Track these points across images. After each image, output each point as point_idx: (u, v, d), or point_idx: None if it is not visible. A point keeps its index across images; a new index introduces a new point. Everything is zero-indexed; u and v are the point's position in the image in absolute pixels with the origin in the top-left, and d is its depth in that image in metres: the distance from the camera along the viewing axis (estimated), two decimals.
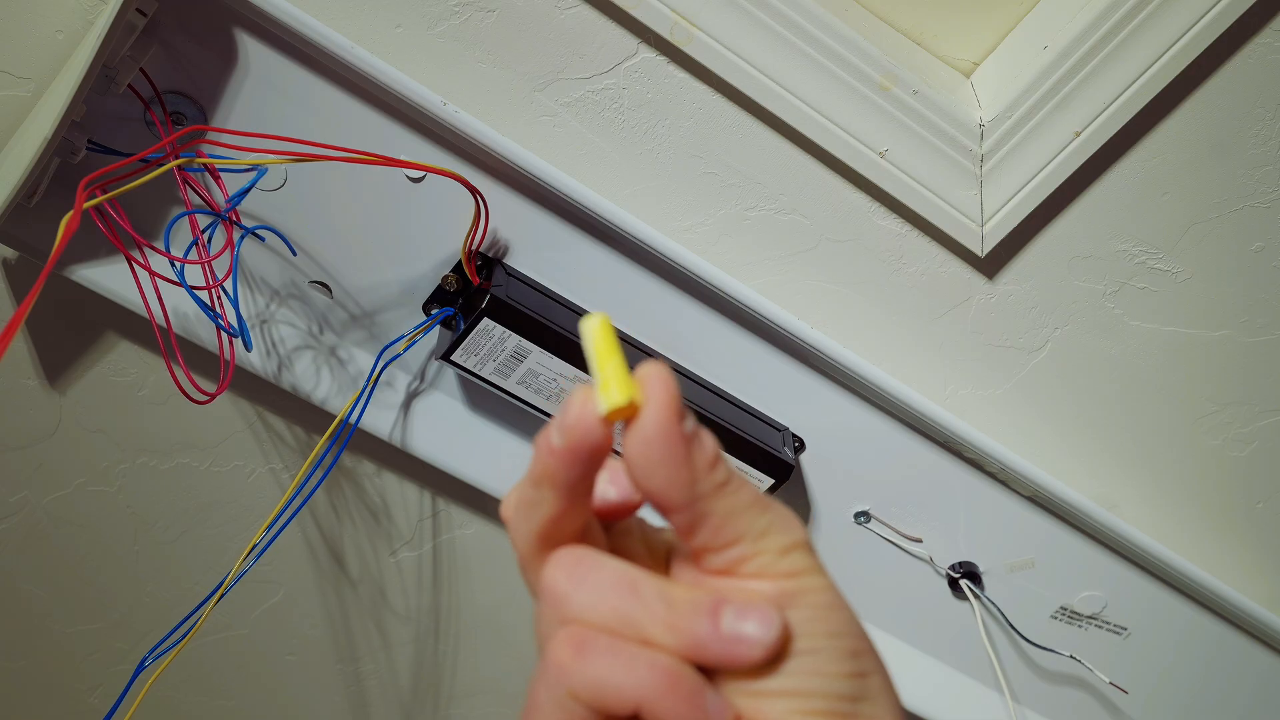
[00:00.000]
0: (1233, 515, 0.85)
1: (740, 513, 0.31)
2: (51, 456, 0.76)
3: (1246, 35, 0.66)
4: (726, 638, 0.30)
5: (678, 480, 0.31)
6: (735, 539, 0.31)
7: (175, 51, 0.62)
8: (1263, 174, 0.71)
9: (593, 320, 0.31)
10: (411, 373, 0.74)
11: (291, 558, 0.82)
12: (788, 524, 0.32)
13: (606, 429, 0.30)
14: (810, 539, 0.33)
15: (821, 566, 0.32)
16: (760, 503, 0.32)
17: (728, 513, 0.31)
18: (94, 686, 0.88)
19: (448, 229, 0.68)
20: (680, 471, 0.31)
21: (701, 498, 0.31)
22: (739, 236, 0.72)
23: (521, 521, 0.32)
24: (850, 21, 0.68)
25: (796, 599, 0.31)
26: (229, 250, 0.66)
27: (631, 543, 0.35)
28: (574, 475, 0.31)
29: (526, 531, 0.32)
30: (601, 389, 0.30)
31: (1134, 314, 0.76)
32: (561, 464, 0.30)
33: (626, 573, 0.31)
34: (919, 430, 0.76)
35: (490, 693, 0.91)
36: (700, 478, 0.31)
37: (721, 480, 0.31)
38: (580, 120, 0.68)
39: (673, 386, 0.31)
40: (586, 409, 0.30)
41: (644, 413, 0.30)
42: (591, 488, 0.32)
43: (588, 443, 0.30)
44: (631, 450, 0.31)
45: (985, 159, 0.70)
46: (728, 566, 0.32)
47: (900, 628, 0.85)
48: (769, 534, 0.32)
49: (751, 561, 0.31)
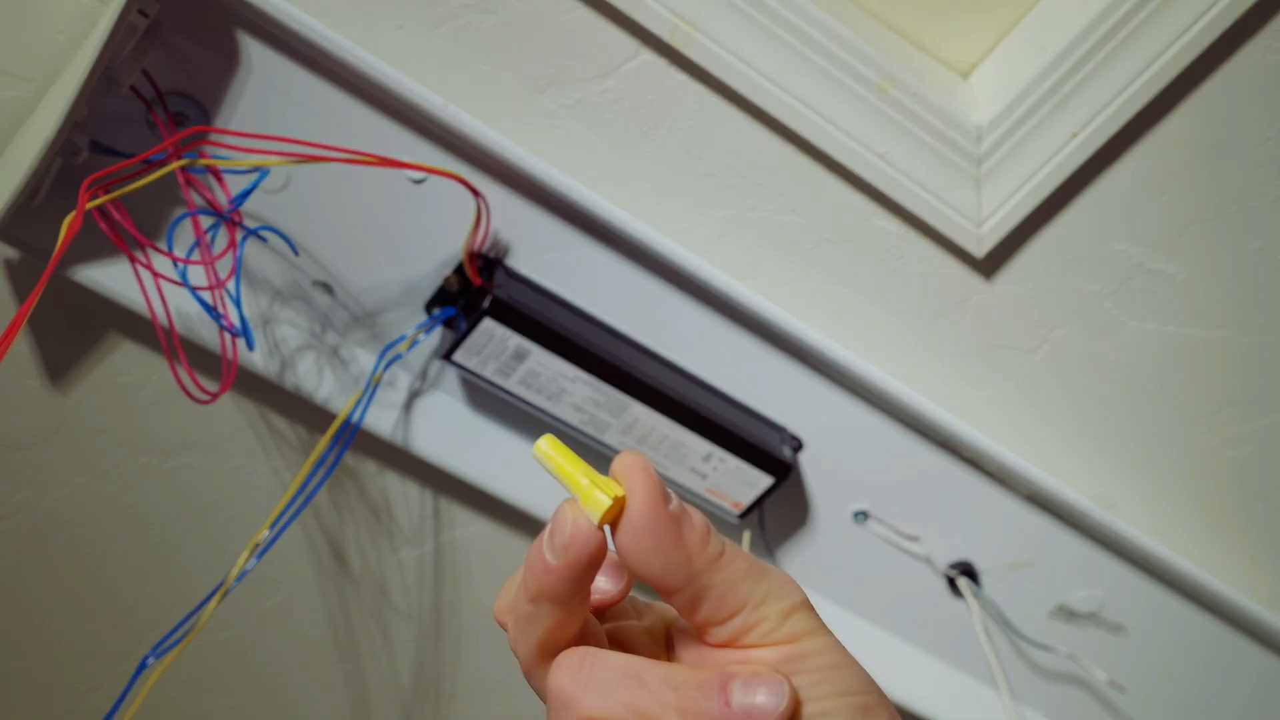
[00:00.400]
0: (1231, 515, 0.85)
1: (738, 582, 0.32)
2: (53, 456, 0.77)
3: (1246, 35, 0.66)
4: (738, 713, 0.30)
5: (673, 562, 0.31)
6: (736, 609, 0.32)
7: (177, 53, 0.62)
8: (1262, 174, 0.71)
9: (542, 444, 0.32)
10: (413, 373, 0.74)
11: (293, 557, 0.82)
12: (785, 588, 0.33)
13: (602, 537, 0.31)
14: (808, 599, 0.33)
15: (823, 626, 0.33)
16: (756, 569, 0.32)
17: (726, 584, 0.32)
18: (94, 686, 0.88)
19: (449, 230, 0.68)
20: (674, 554, 0.31)
21: (699, 574, 0.31)
22: (738, 237, 0.72)
23: (521, 635, 0.33)
24: (849, 24, 0.68)
25: (802, 662, 0.32)
26: (232, 251, 0.66)
27: (629, 628, 0.35)
28: (573, 588, 0.31)
29: (527, 644, 0.33)
30: (584, 499, 0.31)
31: (1133, 314, 0.76)
32: (561, 580, 0.31)
33: (630, 665, 0.31)
34: (917, 430, 0.76)
35: (491, 691, 0.91)
36: (695, 555, 0.31)
37: (715, 553, 0.32)
38: (581, 122, 0.68)
39: (650, 473, 0.31)
40: (580, 523, 0.31)
41: (629, 505, 0.31)
42: (588, 594, 0.32)
43: (585, 555, 0.31)
44: (624, 542, 0.31)
45: (983, 160, 0.70)
46: (731, 638, 0.32)
47: (898, 626, 0.85)
48: (768, 600, 0.32)
49: (754, 630, 0.32)
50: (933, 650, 0.86)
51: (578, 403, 0.70)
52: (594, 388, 0.70)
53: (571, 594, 0.31)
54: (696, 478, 0.73)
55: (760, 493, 0.74)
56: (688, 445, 0.72)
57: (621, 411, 0.71)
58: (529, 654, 0.33)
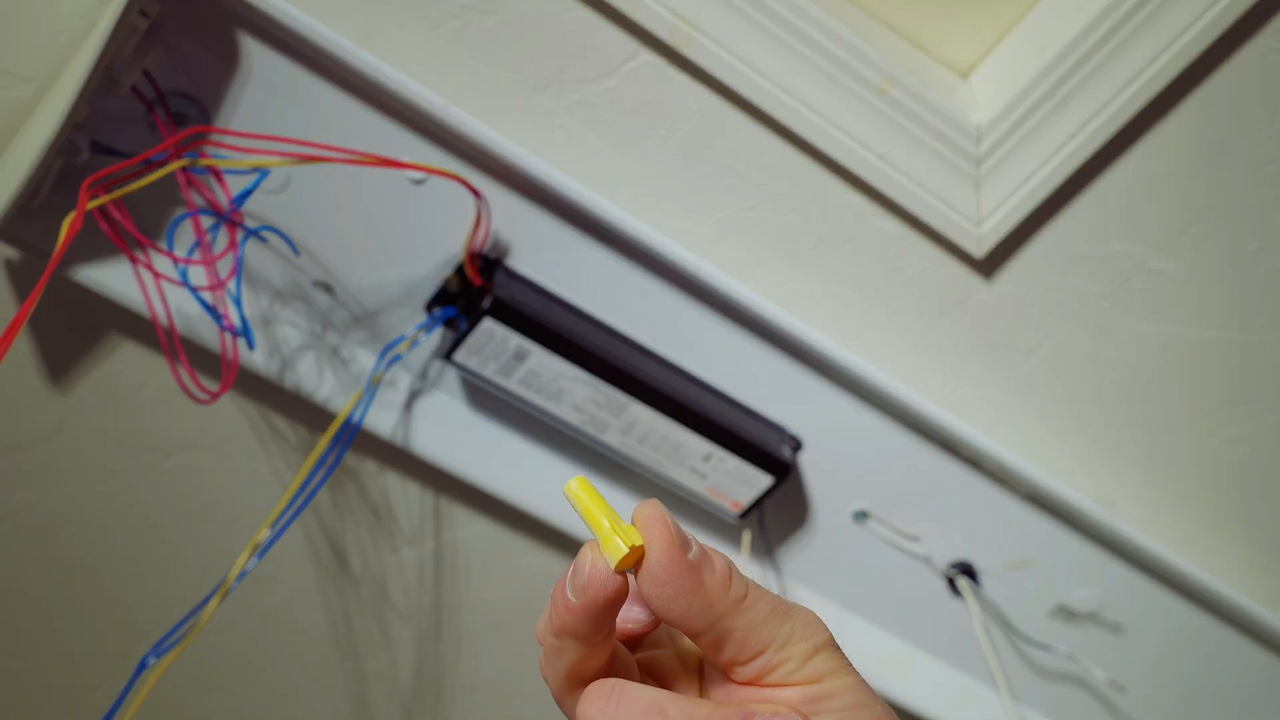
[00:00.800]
0: (1231, 515, 0.85)
1: (761, 624, 0.33)
2: (54, 456, 0.77)
3: (1246, 35, 0.66)
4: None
5: (695, 607, 0.32)
6: (759, 650, 0.33)
7: (178, 53, 0.62)
8: (1262, 174, 0.71)
9: (572, 484, 0.33)
10: (414, 373, 0.74)
11: (294, 556, 0.82)
12: (810, 628, 0.33)
13: (620, 580, 0.32)
14: (833, 639, 0.34)
15: (848, 666, 0.34)
16: (780, 610, 0.33)
17: (749, 626, 0.32)
18: (95, 685, 0.88)
19: (449, 230, 0.68)
20: (695, 599, 0.32)
21: (721, 618, 0.32)
22: (738, 237, 0.72)
23: (549, 665, 0.34)
24: (849, 24, 0.68)
25: (825, 702, 0.32)
26: (232, 251, 0.66)
27: (663, 656, 0.36)
28: (593, 626, 0.32)
29: (556, 674, 0.34)
30: (605, 545, 0.32)
31: (1132, 314, 0.76)
32: (581, 619, 0.32)
33: (655, 699, 0.32)
34: (917, 430, 0.76)
35: (491, 691, 0.91)
36: (716, 600, 0.32)
37: (738, 596, 0.33)
38: (581, 122, 0.68)
39: (668, 523, 0.32)
40: (598, 566, 0.32)
41: (648, 555, 0.32)
42: (612, 629, 0.33)
43: (603, 596, 0.32)
44: (645, 590, 0.32)
45: (983, 160, 0.70)
46: (755, 677, 0.33)
47: (898, 626, 0.85)
48: (792, 640, 0.33)
49: (777, 670, 0.33)
50: (932, 650, 0.86)
51: (578, 403, 0.70)
52: (594, 388, 0.70)
53: (592, 631, 0.32)
54: (696, 478, 0.73)
55: (760, 493, 0.74)
56: (688, 445, 0.72)
57: (621, 411, 0.71)
58: (557, 683, 0.34)
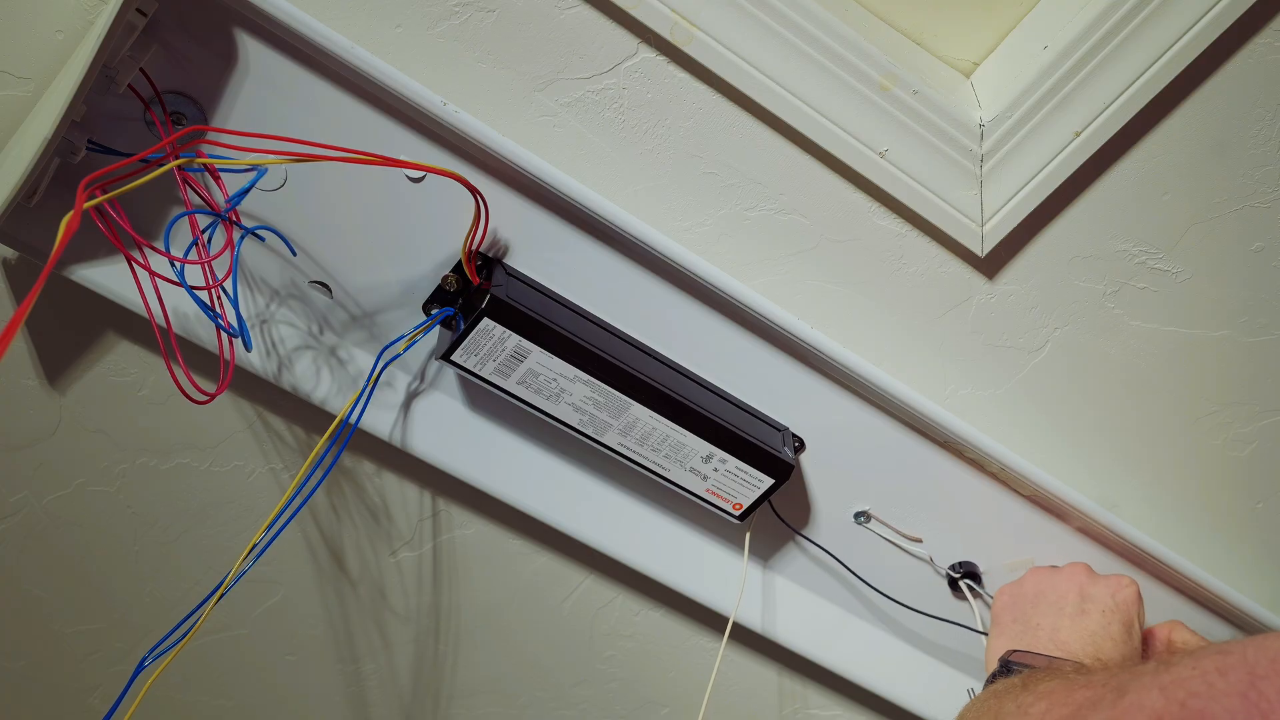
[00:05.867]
0: (1233, 515, 0.85)
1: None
2: (52, 456, 0.76)
3: (1246, 35, 0.66)
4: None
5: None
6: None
7: (175, 52, 0.62)
8: (1263, 174, 0.71)
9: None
10: (411, 373, 0.74)
11: (291, 558, 0.82)
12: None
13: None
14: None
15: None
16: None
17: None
18: (94, 686, 0.88)
19: (448, 229, 0.68)
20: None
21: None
22: (739, 236, 0.72)
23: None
24: (850, 21, 0.68)
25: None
26: (229, 250, 0.66)
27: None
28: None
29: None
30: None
31: (1134, 314, 0.76)
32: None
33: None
34: (919, 430, 0.76)
35: (490, 692, 0.91)
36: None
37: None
38: (580, 120, 0.68)
39: None
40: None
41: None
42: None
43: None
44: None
45: (985, 159, 0.70)
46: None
47: (900, 628, 0.85)
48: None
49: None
50: (934, 652, 0.86)
51: (577, 403, 0.70)
52: (594, 388, 0.69)
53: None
54: (697, 479, 0.73)
55: (761, 493, 0.74)
56: (688, 446, 0.72)
57: (621, 412, 0.70)
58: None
